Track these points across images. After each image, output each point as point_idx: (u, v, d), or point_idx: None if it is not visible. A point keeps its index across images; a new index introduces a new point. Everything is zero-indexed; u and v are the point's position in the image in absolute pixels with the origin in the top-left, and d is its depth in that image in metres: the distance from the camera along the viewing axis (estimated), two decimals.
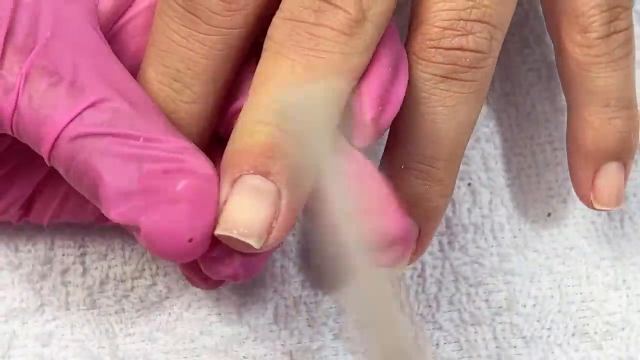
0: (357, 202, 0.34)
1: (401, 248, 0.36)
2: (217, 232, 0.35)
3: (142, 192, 0.34)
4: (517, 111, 0.48)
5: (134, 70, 0.38)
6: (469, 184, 0.47)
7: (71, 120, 0.34)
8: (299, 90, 0.35)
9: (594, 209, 0.44)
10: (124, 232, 0.45)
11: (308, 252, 0.45)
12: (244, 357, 0.44)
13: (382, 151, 0.41)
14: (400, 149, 0.39)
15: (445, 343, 0.46)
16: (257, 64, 0.38)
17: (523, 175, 0.47)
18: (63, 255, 0.44)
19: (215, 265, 0.36)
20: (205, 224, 0.35)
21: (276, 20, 0.36)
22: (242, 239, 0.34)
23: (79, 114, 0.34)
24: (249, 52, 0.38)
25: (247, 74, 0.38)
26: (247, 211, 0.35)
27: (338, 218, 0.33)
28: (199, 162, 0.35)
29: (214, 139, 0.39)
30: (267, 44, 0.36)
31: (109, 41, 0.38)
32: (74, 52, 0.35)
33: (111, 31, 0.39)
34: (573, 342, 0.46)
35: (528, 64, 0.48)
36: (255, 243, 0.35)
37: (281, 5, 0.36)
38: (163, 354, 0.44)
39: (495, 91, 0.48)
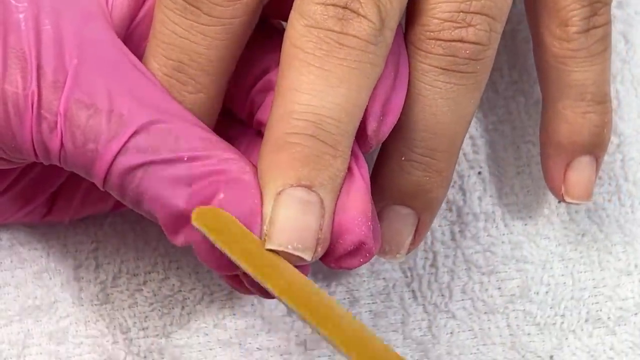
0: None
1: (366, 256, 0.36)
2: (270, 247, 0.35)
3: (191, 212, 0.34)
4: (526, 99, 0.48)
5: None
6: (479, 173, 0.47)
7: (117, 153, 0.35)
8: (331, 100, 0.35)
9: (565, 202, 0.44)
10: (135, 226, 0.45)
11: None
12: (257, 349, 0.44)
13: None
14: (401, 140, 0.39)
15: (459, 331, 0.46)
16: (261, 40, 0.38)
17: (533, 162, 0.47)
18: (76, 251, 0.44)
19: (263, 286, 0.36)
20: None
21: (299, 26, 0.36)
22: (297, 253, 0.35)
23: (124, 145, 0.35)
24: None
25: (255, 52, 0.39)
26: (298, 225, 0.35)
27: None
28: (240, 172, 0.35)
29: (226, 122, 0.40)
30: (293, 51, 0.36)
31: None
32: (105, 77, 0.35)
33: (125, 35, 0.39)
34: (586, 328, 0.46)
35: None
36: (308, 256, 0.35)
37: (300, 9, 0.36)
38: (177, 348, 0.44)
39: (503, 79, 0.48)
